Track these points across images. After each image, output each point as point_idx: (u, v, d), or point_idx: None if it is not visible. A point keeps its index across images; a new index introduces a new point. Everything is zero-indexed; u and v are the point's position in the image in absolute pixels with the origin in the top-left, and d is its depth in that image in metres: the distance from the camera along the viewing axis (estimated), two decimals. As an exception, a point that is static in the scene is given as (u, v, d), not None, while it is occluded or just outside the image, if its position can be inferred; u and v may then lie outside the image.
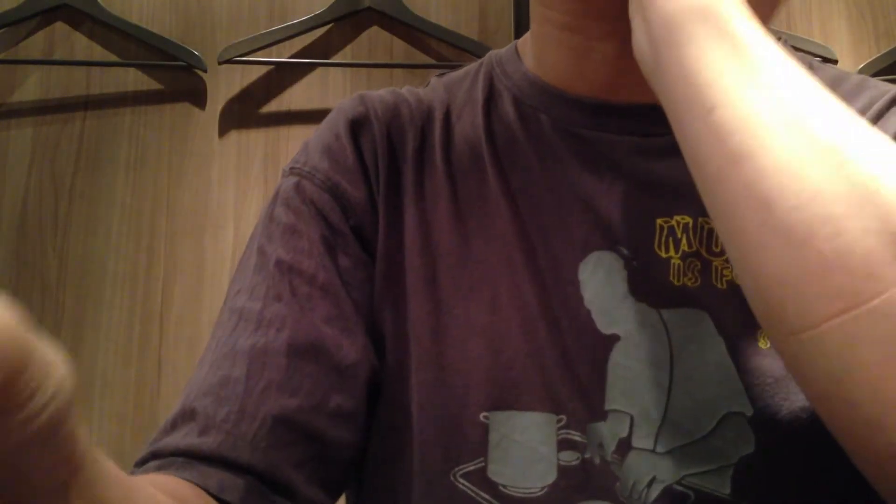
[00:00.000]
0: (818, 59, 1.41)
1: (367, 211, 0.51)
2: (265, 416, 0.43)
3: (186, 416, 0.44)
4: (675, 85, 0.37)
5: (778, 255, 0.31)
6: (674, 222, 0.48)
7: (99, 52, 1.37)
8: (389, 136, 0.53)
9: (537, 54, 0.55)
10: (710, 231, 0.47)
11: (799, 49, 1.47)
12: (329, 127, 0.54)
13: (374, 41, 1.43)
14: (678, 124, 0.37)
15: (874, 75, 1.45)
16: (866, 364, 0.29)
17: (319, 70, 1.41)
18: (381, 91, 0.57)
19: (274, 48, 1.37)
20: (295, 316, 0.47)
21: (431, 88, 0.58)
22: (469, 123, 0.54)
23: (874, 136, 0.32)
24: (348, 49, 1.42)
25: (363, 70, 1.41)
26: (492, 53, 0.59)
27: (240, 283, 0.50)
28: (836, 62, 1.43)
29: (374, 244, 0.51)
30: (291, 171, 0.54)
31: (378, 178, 0.52)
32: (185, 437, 0.43)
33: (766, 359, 0.44)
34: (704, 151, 0.35)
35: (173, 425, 0.44)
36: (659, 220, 0.48)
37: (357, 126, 0.53)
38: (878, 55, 1.48)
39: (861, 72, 1.45)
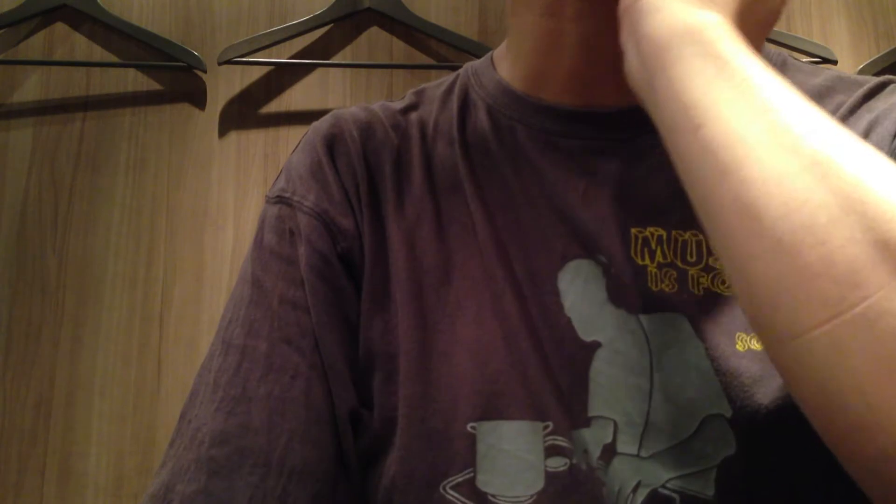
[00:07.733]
0: (818, 59, 1.40)
1: (354, 237, 0.52)
2: (291, 469, 0.44)
3: (202, 464, 0.44)
4: (665, 104, 0.38)
5: (767, 264, 0.32)
6: (647, 233, 0.48)
7: (99, 53, 1.37)
8: (366, 157, 0.54)
9: (513, 51, 0.55)
10: (685, 244, 0.48)
11: (799, 49, 1.47)
12: (308, 151, 0.55)
13: (374, 42, 1.43)
14: (669, 142, 0.38)
15: (874, 75, 1.45)
16: (854, 370, 0.29)
17: (319, 71, 1.41)
18: (354, 109, 0.57)
19: (274, 49, 1.37)
20: (308, 361, 0.48)
21: (407, 103, 0.58)
22: (446, 138, 0.55)
23: (858, 145, 0.33)
24: (348, 49, 1.42)
25: (363, 71, 1.41)
26: (468, 65, 0.59)
27: (234, 313, 0.50)
28: (835, 62, 1.43)
29: (360, 268, 0.51)
30: (278, 199, 0.54)
31: (360, 200, 0.52)
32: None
33: (744, 360, 0.44)
34: (694, 167, 0.36)
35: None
36: (633, 230, 0.49)
37: (333, 148, 0.54)
38: (878, 55, 1.48)
39: (861, 72, 1.45)
